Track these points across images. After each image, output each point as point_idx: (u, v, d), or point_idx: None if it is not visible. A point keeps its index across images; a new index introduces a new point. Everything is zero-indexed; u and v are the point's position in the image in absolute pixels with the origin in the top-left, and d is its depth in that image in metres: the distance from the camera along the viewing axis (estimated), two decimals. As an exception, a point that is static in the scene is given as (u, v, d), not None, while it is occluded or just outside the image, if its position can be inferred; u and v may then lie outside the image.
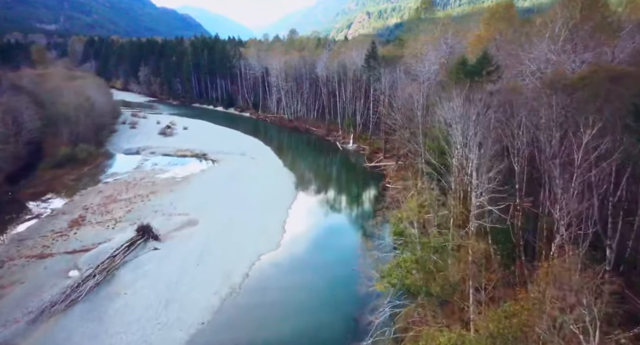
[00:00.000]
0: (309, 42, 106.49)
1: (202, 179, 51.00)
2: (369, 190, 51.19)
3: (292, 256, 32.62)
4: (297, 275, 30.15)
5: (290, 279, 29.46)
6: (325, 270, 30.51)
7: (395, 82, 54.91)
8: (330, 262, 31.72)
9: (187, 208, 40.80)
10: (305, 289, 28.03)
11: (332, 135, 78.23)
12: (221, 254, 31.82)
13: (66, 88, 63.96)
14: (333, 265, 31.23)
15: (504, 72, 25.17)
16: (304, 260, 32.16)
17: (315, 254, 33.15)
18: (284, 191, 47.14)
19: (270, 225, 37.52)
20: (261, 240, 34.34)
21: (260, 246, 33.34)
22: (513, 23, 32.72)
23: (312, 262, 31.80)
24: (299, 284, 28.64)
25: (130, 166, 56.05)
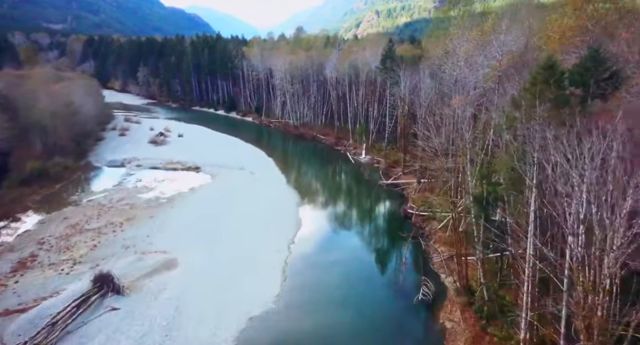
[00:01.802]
0: (316, 40, 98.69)
1: (190, 200, 43.46)
2: (388, 216, 43.22)
3: (291, 320, 24.78)
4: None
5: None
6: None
7: (418, 87, 46.88)
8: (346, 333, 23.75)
9: (166, 242, 33.25)
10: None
11: (342, 144, 70.37)
12: (199, 317, 24.12)
13: (45, 91, 56.83)
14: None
15: (625, 81, 17.35)
16: (307, 327, 24.25)
17: (322, 318, 25.15)
18: (286, 219, 39.39)
19: (266, 270, 29.76)
20: (252, 294, 26.58)
21: (251, 304, 25.58)
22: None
23: (319, 332, 23.86)
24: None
25: (110, 182, 48.69)
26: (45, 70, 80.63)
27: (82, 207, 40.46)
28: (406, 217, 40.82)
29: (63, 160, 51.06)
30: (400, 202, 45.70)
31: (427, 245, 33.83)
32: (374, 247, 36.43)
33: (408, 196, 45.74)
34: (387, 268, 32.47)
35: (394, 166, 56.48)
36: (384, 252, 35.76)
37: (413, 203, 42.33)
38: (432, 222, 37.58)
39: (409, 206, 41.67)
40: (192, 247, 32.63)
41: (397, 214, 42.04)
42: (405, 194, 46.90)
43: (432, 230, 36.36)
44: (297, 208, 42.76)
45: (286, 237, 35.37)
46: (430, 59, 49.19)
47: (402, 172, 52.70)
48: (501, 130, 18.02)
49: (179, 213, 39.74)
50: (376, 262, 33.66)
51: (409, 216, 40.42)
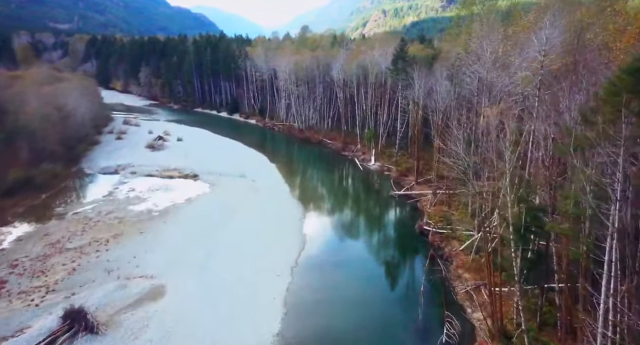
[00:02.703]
0: (322, 40, 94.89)
1: (184, 213, 39.84)
2: (401, 234, 39.22)
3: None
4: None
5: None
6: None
7: (434, 90, 42.88)
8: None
9: (154, 264, 29.67)
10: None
11: (350, 149, 66.54)
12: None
13: (35, 94, 53.54)
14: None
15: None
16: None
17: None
18: (288, 236, 35.67)
19: (265, 300, 26.00)
20: (248, 333, 22.84)
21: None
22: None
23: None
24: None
25: (100, 192, 45.22)
26: (40, 70, 77.58)
27: (67, 221, 36.95)
28: (422, 234, 36.93)
29: (51, 167, 47.74)
30: (414, 215, 41.83)
31: (447, 270, 29.88)
32: (386, 272, 32.43)
33: (423, 209, 41.81)
34: (402, 299, 28.50)
35: (405, 175, 52.56)
36: (399, 278, 31.81)
37: (429, 218, 38.39)
38: (452, 242, 33.65)
39: (425, 222, 37.71)
40: (183, 270, 29.04)
41: (411, 230, 38.08)
42: (420, 207, 42.98)
43: (452, 251, 32.41)
44: (300, 223, 39.01)
45: (288, 259, 31.65)
46: (447, 59, 45.18)
47: (415, 181, 48.76)
48: (565, 153, 14.23)
49: (172, 228, 36.13)
50: (390, 290, 29.73)
51: (425, 233, 36.51)
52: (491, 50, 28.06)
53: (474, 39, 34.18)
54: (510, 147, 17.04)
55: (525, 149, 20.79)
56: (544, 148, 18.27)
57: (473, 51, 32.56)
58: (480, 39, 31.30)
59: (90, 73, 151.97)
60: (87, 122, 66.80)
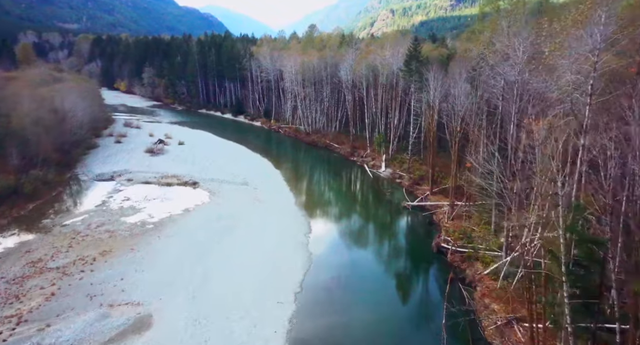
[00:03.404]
0: (330, 39, 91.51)
1: (181, 226, 36.81)
2: (416, 251, 35.73)
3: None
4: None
5: None
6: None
7: (452, 93, 39.36)
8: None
9: (142, 288, 26.63)
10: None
11: (358, 154, 63.21)
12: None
13: (29, 96, 50.95)
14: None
15: None
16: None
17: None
18: (292, 253, 32.47)
19: (264, 336, 22.78)
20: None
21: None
22: None
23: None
24: None
25: (93, 201, 42.38)
26: (38, 71, 75.27)
27: (53, 236, 34.06)
28: (439, 251, 33.49)
29: (42, 174, 45.03)
30: (429, 230, 38.44)
31: (471, 298, 26.44)
32: (401, 298, 28.98)
33: (440, 223, 38.37)
34: (422, 332, 25.05)
35: (419, 183, 49.11)
36: (416, 306, 28.29)
37: (447, 234, 34.92)
38: (475, 263, 30.16)
39: (443, 239, 34.24)
40: (174, 297, 25.95)
41: (427, 247, 34.65)
42: (436, 220, 39.54)
43: (475, 275, 28.93)
44: (306, 238, 35.76)
45: (292, 282, 28.43)
46: (466, 59, 41.61)
47: (430, 191, 45.27)
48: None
49: (166, 244, 33.09)
50: (407, 321, 26.26)
51: (443, 252, 33.07)
52: (523, 50, 24.62)
53: (499, 37, 30.69)
54: (562, 171, 13.65)
55: (572, 168, 17.40)
56: (602, 167, 14.90)
57: (500, 50, 29.06)
58: (509, 37, 27.83)
59: (95, 73, 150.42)
60: (85, 125, 64.11)
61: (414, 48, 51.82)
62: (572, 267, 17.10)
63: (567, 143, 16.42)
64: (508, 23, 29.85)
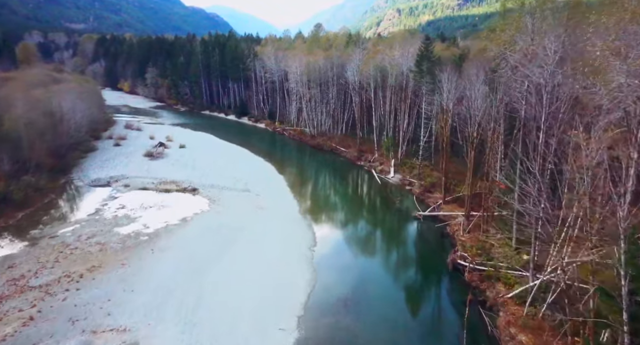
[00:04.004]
0: (336, 39, 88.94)
1: (177, 237, 34.45)
2: (430, 268, 32.96)
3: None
4: None
5: None
6: None
7: (468, 96, 36.61)
8: None
9: (130, 311, 24.26)
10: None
11: (365, 158, 60.57)
12: None
13: (23, 97, 48.89)
14: None
15: None
16: None
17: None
18: (295, 270, 29.96)
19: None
20: None
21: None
22: None
23: None
24: None
25: (86, 209, 40.19)
26: (36, 71, 73.53)
27: (40, 248, 31.84)
28: (455, 268, 30.80)
29: (34, 180, 42.97)
30: (443, 243, 35.77)
31: (494, 326, 23.75)
32: (415, 321, 26.30)
33: (455, 236, 35.64)
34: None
35: (430, 191, 46.39)
36: (432, 332, 25.54)
37: (463, 249, 32.20)
38: (496, 284, 27.44)
39: (459, 254, 31.52)
40: (165, 320, 23.56)
41: (442, 262, 31.98)
42: (450, 232, 36.82)
43: (497, 297, 26.19)
44: (310, 252, 33.25)
45: (295, 303, 25.93)
46: (482, 59, 38.86)
47: (442, 200, 42.53)
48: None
49: (159, 259, 30.73)
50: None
51: (460, 269, 30.37)
52: (555, 49, 21.94)
53: (523, 36, 27.96)
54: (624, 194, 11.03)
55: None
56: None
57: (524, 50, 26.32)
58: (536, 35, 25.13)
59: (99, 73, 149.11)
60: (84, 127, 62.19)
61: (426, 48, 49.08)
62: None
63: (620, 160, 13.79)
64: (533, 20, 27.11)
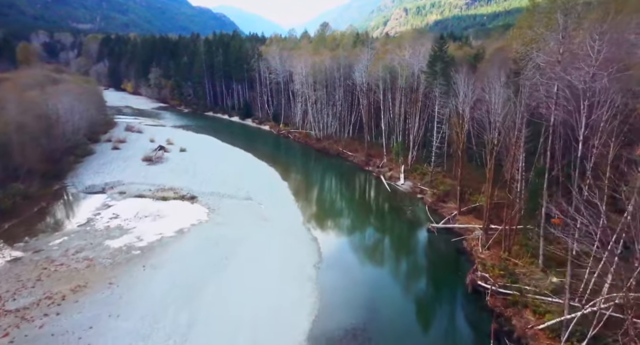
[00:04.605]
0: (344, 38, 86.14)
1: (172, 252, 31.89)
2: (447, 289, 29.93)
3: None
4: None
5: None
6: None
7: (486, 100, 33.63)
8: None
9: (114, 341, 21.69)
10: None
11: (374, 163, 57.72)
12: None
13: (15, 100, 46.73)
14: None
15: None
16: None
17: None
18: (299, 294, 27.22)
19: None
20: None
21: None
22: None
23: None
24: None
25: (77, 219, 37.83)
26: (35, 72, 71.64)
27: (22, 265, 29.45)
28: (475, 291, 27.88)
29: (24, 187, 40.75)
30: (459, 260, 32.87)
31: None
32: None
33: (472, 252, 32.70)
34: None
35: (444, 200, 43.47)
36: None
37: (483, 268, 29.27)
38: (524, 312, 24.50)
39: (479, 275, 28.59)
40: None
41: (459, 283, 29.10)
42: (467, 248, 33.86)
43: (526, 328, 23.26)
44: (315, 269, 30.52)
45: (297, 332, 23.22)
46: (505, 60, 35.90)
47: (458, 210, 39.58)
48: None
49: (150, 277, 28.18)
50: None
51: (481, 291, 27.44)
52: (598, 48, 19.07)
53: (553, 34, 25.02)
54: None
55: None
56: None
57: (559, 49, 23.39)
58: (568, 33, 22.24)
59: (103, 74, 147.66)
60: (81, 130, 60.04)
61: (440, 47, 46.09)
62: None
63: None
64: (565, 16, 24.16)
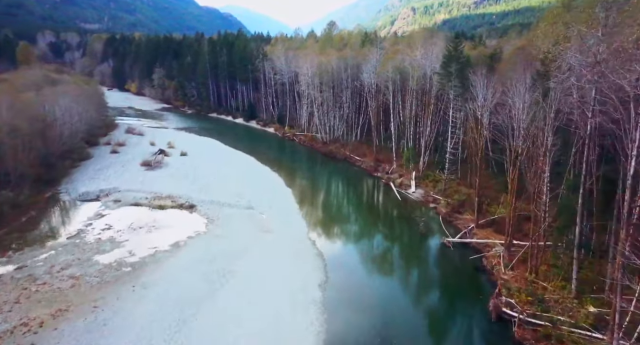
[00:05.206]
0: (351, 38, 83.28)
1: (164, 270, 29.34)
2: (468, 315, 26.86)
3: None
4: None
5: None
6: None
7: (511, 105, 30.64)
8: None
9: (93, 380, 19.18)
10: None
11: (383, 169, 54.88)
12: None
13: (8, 102, 44.55)
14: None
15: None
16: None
17: None
18: (301, 320, 24.47)
19: None
20: None
21: None
22: None
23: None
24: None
25: (67, 230, 35.51)
26: (32, 72, 69.69)
27: (1, 283, 27.04)
28: (499, 318, 24.94)
29: (13, 195, 38.55)
30: (478, 280, 29.96)
31: None
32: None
33: (494, 272, 29.75)
34: None
35: (459, 211, 40.52)
36: None
37: (508, 293, 26.30)
38: None
39: (504, 300, 25.65)
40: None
41: (481, 309, 26.16)
42: (488, 266, 30.90)
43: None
44: (320, 291, 27.75)
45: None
46: (529, 60, 32.92)
47: (475, 223, 36.62)
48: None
49: (140, 299, 25.63)
50: None
51: (506, 319, 24.50)
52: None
53: (592, 31, 22.07)
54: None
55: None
56: None
57: (598, 49, 20.48)
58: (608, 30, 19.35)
59: (107, 74, 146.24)
60: (79, 133, 57.97)
61: (455, 47, 43.07)
62: None
63: None
64: (607, 11, 21.23)
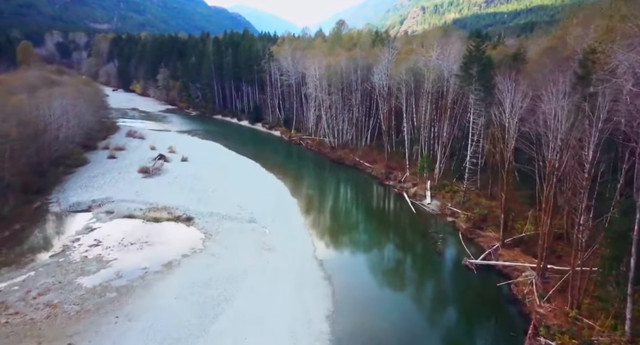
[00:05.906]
0: (361, 37, 79.70)
1: (153, 296, 26.17)
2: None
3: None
4: None
5: None
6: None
7: (540, 111, 26.90)
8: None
9: None
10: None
11: (395, 177, 51.36)
12: None
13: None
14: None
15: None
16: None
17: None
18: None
19: None
20: None
21: None
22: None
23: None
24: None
25: (52, 246, 32.62)
26: (31, 73, 67.35)
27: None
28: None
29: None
30: (508, 312, 26.27)
31: None
32: None
33: (527, 303, 26.03)
34: None
35: (480, 227, 36.78)
36: None
37: (547, 333, 22.60)
38: None
39: (543, 342, 21.99)
40: None
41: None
42: (519, 295, 27.20)
43: None
44: (327, 324, 24.34)
45: None
46: (565, 61, 29.20)
47: (500, 242, 32.92)
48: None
49: (122, 334, 22.44)
50: None
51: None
52: None
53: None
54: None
55: None
56: None
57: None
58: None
59: (112, 74, 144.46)
60: (76, 137, 55.31)
61: (476, 47, 39.32)
62: None
63: None
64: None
